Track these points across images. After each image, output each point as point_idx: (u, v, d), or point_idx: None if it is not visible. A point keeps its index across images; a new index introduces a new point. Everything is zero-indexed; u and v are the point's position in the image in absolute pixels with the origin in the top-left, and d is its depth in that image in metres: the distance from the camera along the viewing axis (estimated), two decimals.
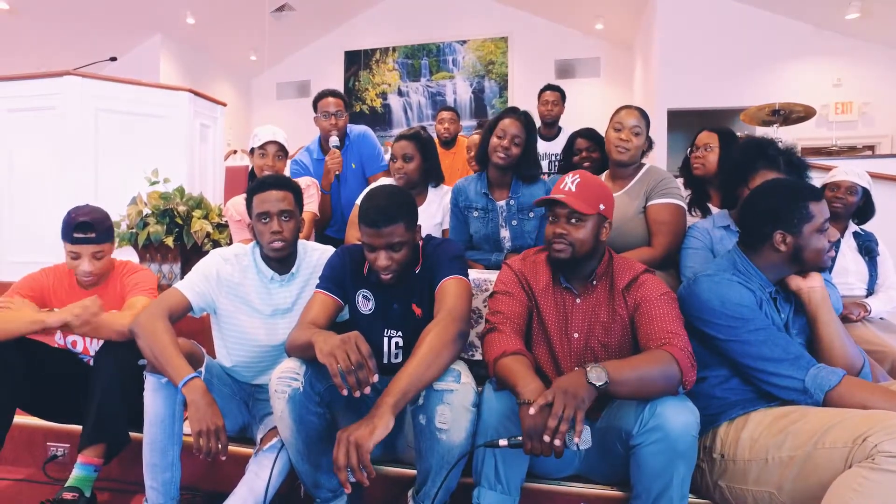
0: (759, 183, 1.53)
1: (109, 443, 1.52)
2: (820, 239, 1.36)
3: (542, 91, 3.49)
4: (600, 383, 1.11)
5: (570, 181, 1.40)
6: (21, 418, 1.75)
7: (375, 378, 1.18)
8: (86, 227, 1.66)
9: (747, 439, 1.26)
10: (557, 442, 1.04)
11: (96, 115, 2.87)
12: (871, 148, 6.31)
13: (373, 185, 2.03)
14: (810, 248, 1.36)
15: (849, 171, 2.27)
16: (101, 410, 1.49)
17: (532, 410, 1.08)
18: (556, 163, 3.19)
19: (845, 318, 2.01)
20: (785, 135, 4.35)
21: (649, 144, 2.03)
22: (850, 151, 6.18)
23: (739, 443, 1.27)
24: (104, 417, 1.49)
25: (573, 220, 1.37)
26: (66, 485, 1.46)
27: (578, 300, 1.43)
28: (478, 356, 1.83)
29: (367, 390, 1.17)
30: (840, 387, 1.24)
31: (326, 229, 2.74)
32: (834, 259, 2.19)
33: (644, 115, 1.98)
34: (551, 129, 3.45)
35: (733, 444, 1.28)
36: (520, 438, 1.12)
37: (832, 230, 1.53)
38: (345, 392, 1.15)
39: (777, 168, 1.67)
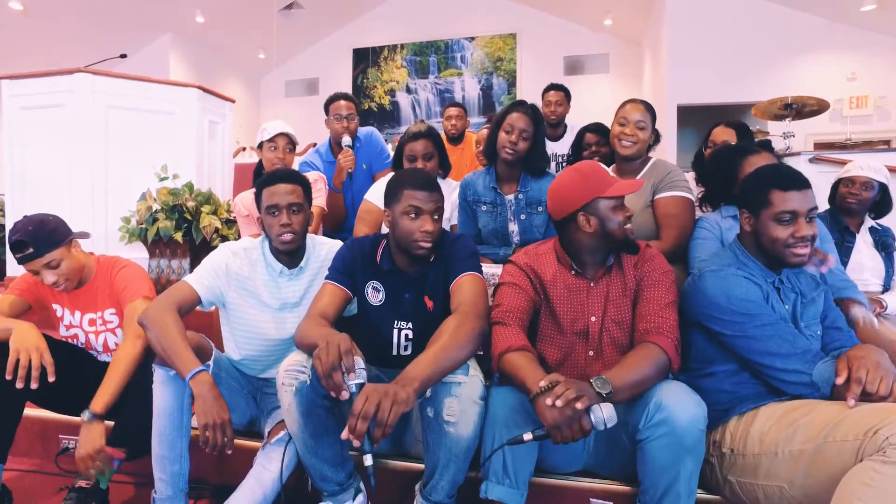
0: (751, 168, 1.57)
1: (135, 453, 1.53)
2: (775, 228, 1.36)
3: (545, 91, 3.33)
4: (605, 392, 1.15)
5: None
6: (34, 411, 1.78)
7: (351, 377, 1.16)
8: (20, 245, 1.57)
9: (757, 433, 1.24)
10: (589, 419, 1.10)
11: (107, 111, 2.89)
12: (887, 143, 6.21)
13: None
14: (766, 236, 1.36)
15: (864, 167, 2.22)
16: (138, 423, 1.48)
17: (543, 383, 1.13)
18: (563, 164, 3.09)
19: None
20: (797, 129, 4.29)
21: (656, 138, 2.01)
22: (866, 146, 6.08)
23: (749, 437, 1.26)
24: (142, 430, 1.47)
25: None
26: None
27: (592, 284, 1.43)
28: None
29: (345, 395, 1.16)
30: None
31: (341, 231, 2.71)
32: (849, 254, 2.16)
33: (649, 109, 1.96)
34: (556, 129, 3.27)
35: (743, 438, 1.27)
36: (543, 431, 1.13)
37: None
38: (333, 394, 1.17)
39: (754, 151, 1.76)
